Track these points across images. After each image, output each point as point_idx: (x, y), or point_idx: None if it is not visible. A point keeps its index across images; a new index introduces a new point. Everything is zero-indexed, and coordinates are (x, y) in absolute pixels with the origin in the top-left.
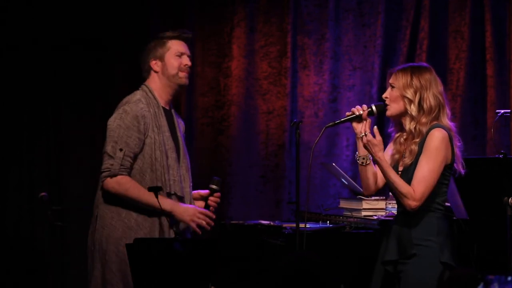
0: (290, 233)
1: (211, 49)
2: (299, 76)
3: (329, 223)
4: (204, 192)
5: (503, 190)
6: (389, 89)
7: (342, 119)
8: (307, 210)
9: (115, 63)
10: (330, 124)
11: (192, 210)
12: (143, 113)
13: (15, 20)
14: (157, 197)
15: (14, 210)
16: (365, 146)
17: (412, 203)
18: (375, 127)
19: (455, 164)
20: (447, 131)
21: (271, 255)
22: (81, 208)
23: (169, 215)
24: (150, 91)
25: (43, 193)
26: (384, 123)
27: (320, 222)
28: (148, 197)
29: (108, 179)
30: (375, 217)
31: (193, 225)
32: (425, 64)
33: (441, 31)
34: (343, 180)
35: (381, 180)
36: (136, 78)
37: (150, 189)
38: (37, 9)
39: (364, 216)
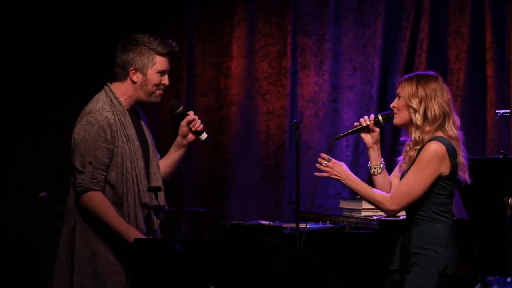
0: (290, 233)
1: (211, 49)
2: (299, 76)
3: (329, 223)
4: (180, 139)
5: (503, 190)
6: (396, 99)
7: (350, 131)
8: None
9: (115, 63)
10: (339, 136)
11: None
12: (109, 121)
13: (15, 20)
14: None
15: (14, 210)
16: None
17: (390, 207)
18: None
19: (460, 173)
20: (446, 144)
21: (271, 255)
22: None
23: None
24: (116, 98)
25: (43, 193)
26: (398, 131)
27: (320, 222)
28: (115, 222)
29: (84, 194)
30: (375, 217)
31: None
32: (432, 72)
33: (441, 31)
34: None
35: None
36: None
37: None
38: (37, 9)
39: (364, 216)
